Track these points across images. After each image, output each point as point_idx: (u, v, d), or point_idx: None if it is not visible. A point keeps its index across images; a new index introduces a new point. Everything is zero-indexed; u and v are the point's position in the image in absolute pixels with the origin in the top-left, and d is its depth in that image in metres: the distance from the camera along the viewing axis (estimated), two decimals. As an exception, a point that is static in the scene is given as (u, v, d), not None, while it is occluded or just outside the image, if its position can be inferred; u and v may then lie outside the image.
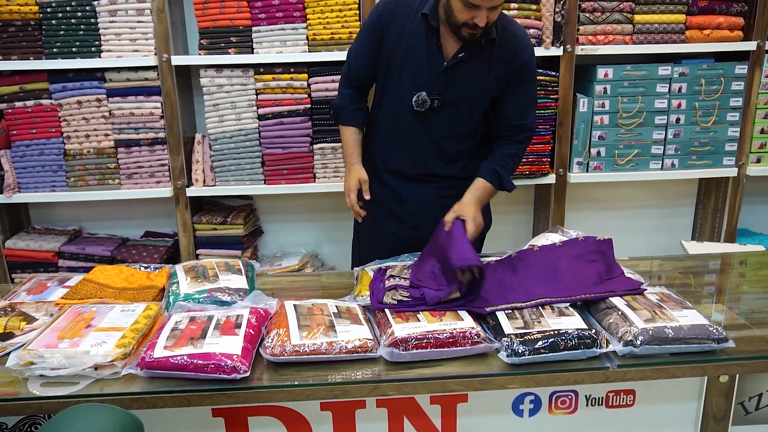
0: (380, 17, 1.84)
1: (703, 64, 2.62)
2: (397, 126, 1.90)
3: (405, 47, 1.81)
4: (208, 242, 2.69)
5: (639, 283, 1.63)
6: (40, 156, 2.57)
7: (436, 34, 1.79)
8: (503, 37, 1.80)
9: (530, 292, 1.57)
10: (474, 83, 1.83)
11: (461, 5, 1.65)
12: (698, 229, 3.05)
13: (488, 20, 1.67)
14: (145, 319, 1.53)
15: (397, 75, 1.85)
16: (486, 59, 1.80)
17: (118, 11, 2.44)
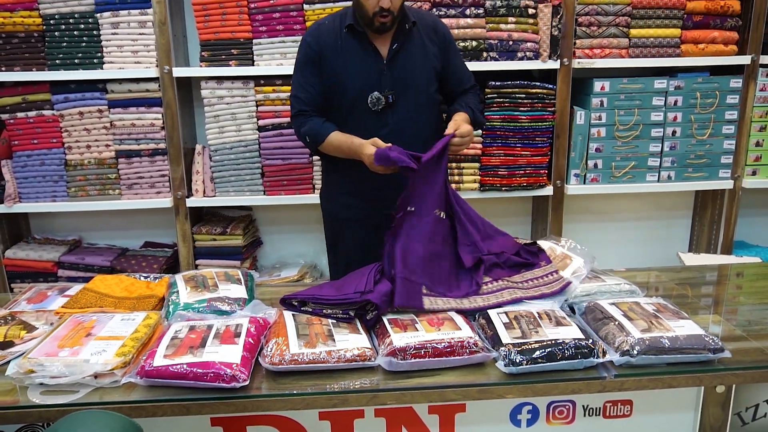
0: (311, 48, 1.96)
1: (698, 78, 2.66)
2: (358, 133, 1.91)
3: (344, 61, 1.95)
4: (207, 253, 2.70)
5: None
6: (42, 166, 2.58)
7: (367, 38, 1.94)
8: (420, 21, 1.98)
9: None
10: (416, 67, 1.97)
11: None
12: (695, 241, 3.07)
13: (392, 4, 1.83)
14: (145, 328, 1.53)
15: (345, 87, 1.95)
16: (417, 43, 1.97)
17: (120, 23, 2.47)
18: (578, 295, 1.67)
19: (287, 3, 2.47)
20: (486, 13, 2.52)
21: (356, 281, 1.61)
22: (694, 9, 2.58)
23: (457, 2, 2.50)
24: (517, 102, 2.57)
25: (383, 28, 1.89)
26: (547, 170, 2.71)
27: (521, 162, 2.65)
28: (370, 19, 1.87)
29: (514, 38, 2.53)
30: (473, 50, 2.53)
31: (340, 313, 1.56)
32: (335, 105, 2.00)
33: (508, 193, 2.68)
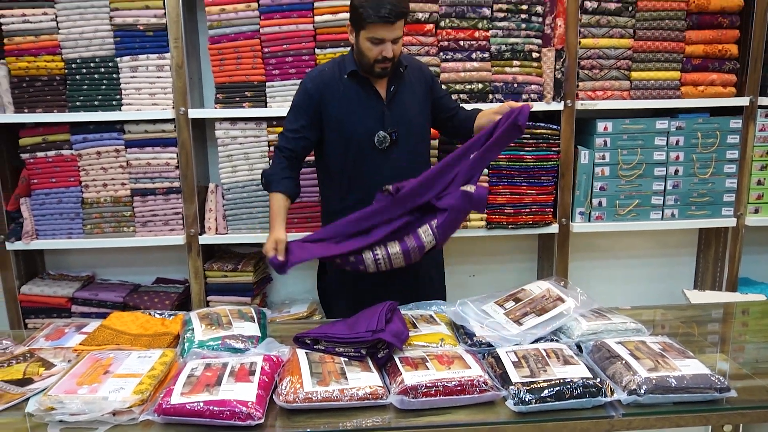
0: (311, 94, 2.10)
1: (698, 119, 2.72)
2: (364, 170, 2.11)
3: (348, 105, 2.09)
4: (218, 289, 2.75)
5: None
6: (59, 204, 2.65)
7: (368, 82, 2.10)
8: (409, 64, 2.17)
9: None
10: (412, 105, 2.15)
11: (369, 44, 1.97)
12: (700, 278, 3.10)
13: (394, 52, 1.98)
14: (161, 365, 1.57)
15: (352, 129, 2.09)
16: (408, 84, 2.15)
17: (139, 67, 2.56)
18: (585, 334, 1.70)
19: (300, 48, 2.56)
20: (491, 57, 2.61)
21: (367, 320, 1.64)
22: (692, 53, 2.67)
23: (464, 47, 2.59)
24: (522, 142, 2.64)
25: (383, 73, 2.05)
26: (553, 208, 2.76)
27: (527, 200, 2.70)
28: (371, 66, 2.02)
29: (518, 81, 2.62)
30: (479, 92, 2.61)
31: (352, 351, 1.60)
32: (341, 145, 2.12)
33: (515, 230, 2.73)
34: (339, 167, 2.15)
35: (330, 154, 2.16)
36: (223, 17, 2.53)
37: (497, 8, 2.56)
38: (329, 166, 2.19)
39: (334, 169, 2.18)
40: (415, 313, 1.89)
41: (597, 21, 2.60)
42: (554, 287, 1.87)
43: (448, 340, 1.70)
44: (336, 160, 2.15)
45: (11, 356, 1.69)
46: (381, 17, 1.91)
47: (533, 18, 2.58)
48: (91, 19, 2.52)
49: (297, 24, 2.54)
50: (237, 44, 2.55)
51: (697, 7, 2.61)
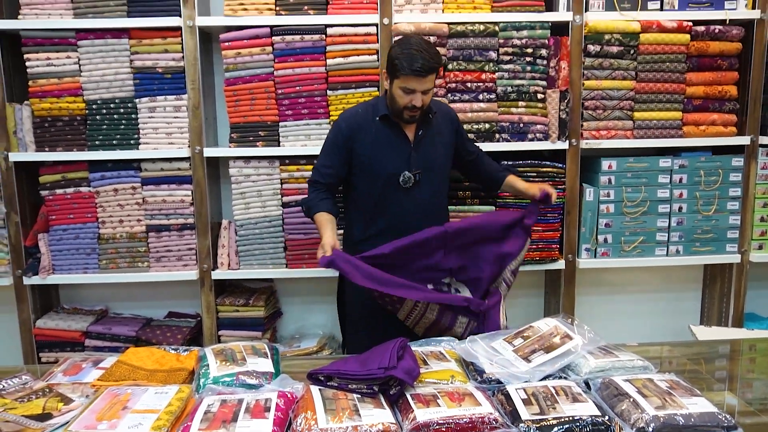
0: (343, 132, 2.26)
1: (701, 157, 2.79)
2: (389, 205, 2.27)
3: (378, 145, 2.24)
4: (230, 323, 2.78)
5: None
6: (76, 239, 2.72)
7: (397, 125, 2.25)
8: (438, 110, 2.33)
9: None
10: (436, 148, 2.30)
11: (401, 92, 2.13)
12: (706, 314, 3.12)
13: (423, 102, 2.14)
14: (178, 401, 1.60)
15: (380, 168, 2.24)
16: (436, 129, 2.31)
17: (157, 108, 2.66)
18: (593, 371, 1.72)
19: (312, 89, 2.66)
20: (498, 98, 2.69)
21: (380, 357, 1.68)
22: (693, 94, 2.75)
23: (471, 88, 2.68)
24: (528, 180, 2.69)
25: (412, 120, 2.21)
26: (559, 245, 2.81)
27: (534, 237, 2.74)
28: (401, 112, 2.18)
29: (524, 121, 2.69)
30: (486, 132, 2.69)
31: (365, 387, 1.62)
32: (368, 181, 2.26)
33: (522, 266, 2.76)
34: (364, 200, 2.30)
35: (357, 188, 2.30)
36: (238, 60, 2.63)
37: (503, 51, 2.66)
38: (356, 199, 2.33)
39: (360, 202, 2.33)
40: (425, 350, 1.92)
41: (600, 63, 2.69)
42: (562, 324, 1.90)
43: (459, 376, 1.72)
44: (362, 193, 2.30)
45: (30, 391, 1.72)
46: (414, 70, 2.06)
47: (538, 61, 2.67)
48: (112, 62, 2.63)
49: (310, 67, 2.64)
50: (251, 86, 2.65)
51: (697, 50, 2.70)
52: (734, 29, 2.70)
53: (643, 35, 2.67)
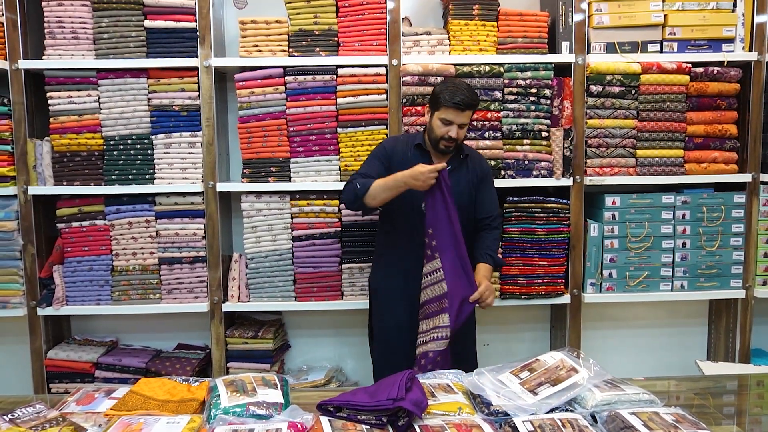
0: (386, 150, 2.46)
1: (703, 194, 2.84)
2: (405, 225, 2.42)
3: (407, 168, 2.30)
4: (239, 356, 2.81)
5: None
6: (90, 271, 2.77)
7: (428, 156, 2.40)
8: (471, 155, 2.47)
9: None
10: (461, 187, 2.41)
11: (440, 123, 2.30)
12: (713, 349, 3.12)
13: (458, 135, 2.30)
14: (190, 431, 1.63)
15: (407, 191, 2.31)
16: (464, 170, 2.43)
17: (172, 144, 2.74)
18: (599, 404, 1.74)
19: (323, 127, 2.74)
20: (503, 135, 2.77)
21: (388, 388, 1.70)
22: (694, 132, 2.81)
23: (477, 126, 2.75)
24: (533, 216, 2.75)
25: (446, 151, 2.36)
26: (564, 279, 2.84)
27: (539, 271, 2.79)
28: (437, 141, 2.34)
29: (529, 158, 2.76)
30: (492, 169, 2.75)
31: (374, 419, 1.65)
32: (395, 202, 2.35)
33: (528, 301, 2.80)
34: (390, 217, 2.47)
35: (387, 205, 2.38)
36: (252, 99, 2.72)
37: (508, 91, 2.74)
38: (384, 214, 2.51)
39: (386, 218, 2.50)
40: (432, 382, 1.94)
41: (602, 103, 2.77)
42: (568, 358, 1.92)
43: (466, 408, 1.75)
44: (389, 211, 2.45)
45: (44, 420, 1.75)
46: (455, 103, 2.26)
47: (542, 100, 2.75)
48: (131, 100, 2.72)
49: (321, 105, 2.73)
50: (264, 123, 2.74)
51: (696, 90, 2.78)
52: (732, 71, 2.78)
53: (643, 76, 2.75)
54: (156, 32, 2.70)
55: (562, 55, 2.75)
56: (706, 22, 2.78)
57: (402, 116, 2.73)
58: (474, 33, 2.74)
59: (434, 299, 2.32)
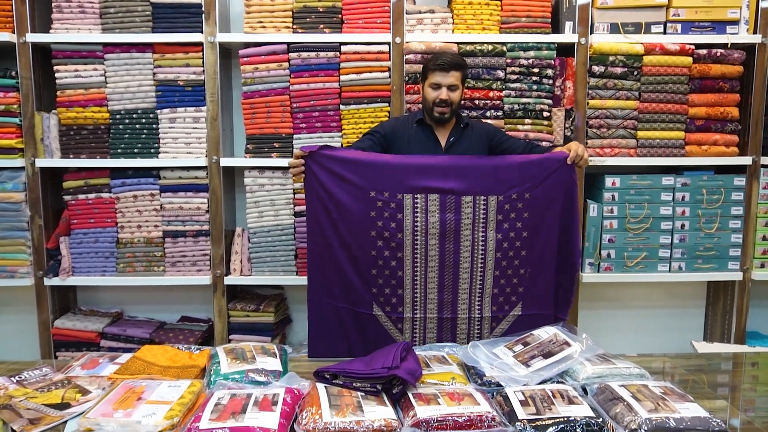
0: (384, 129, 2.46)
1: (703, 176, 2.85)
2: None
3: (410, 145, 2.41)
4: (240, 328, 2.86)
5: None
6: (95, 243, 2.82)
7: (431, 130, 2.42)
8: (474, 125, 2.49)
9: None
10: (470, 155, 2.39)
11: (430, 89, 2.35)
12: (709, 330, 3.14)
13: (449, 97, 2.32)
14: (190, 394, 1.67)
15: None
16: (468, 139, 2.44)
17: (177, 119, 2.77)
18: (590, 377, 1.77)
19: (326, 104, 2.76)
20: (504, 115, 2.78)
21: (384, 358, 1.75)
22: (695, 114, 2.81)
23: (479, 105, 2.77)
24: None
25: (442, 118, 2.36)
26: (563, 259, 2.86)
27: (538, 250, 2.81)
28: (431, 110, 2.35)
29: (530, 138, 2.78)
30: (493, 147, 2.77)
31: (369, 386, 1.69)
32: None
33: (526, 279, 2.83)
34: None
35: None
36: (256, 75, 2.74)
37: (510, 71, 2.75)
38: None
39: None
40: (428, 354, 1.98)
41: (604, 84, 2.77)
42: (561, 332, 1.96)
43: (459, 379, 1.79)
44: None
45: (50, 382, 1.81)
46: (437, 65, 2.32)
47: (544, 80, 2.76)
48: (137, 75, 2.75)
49: (324, 82, 2.75)
50: (268, 99, 2.76)
51: (699, 72, 2.77)
52: (735, 53, 2.77)
53: (646, 57, 2.75)
54: (162, 7, 2.71)
55: (566, 34, 2.75)
56: (710, 3, 2.77)
57: (404, 94, 2.75)
58: (477, 12, 2.74)
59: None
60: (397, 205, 2.24)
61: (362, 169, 2.23)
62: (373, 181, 2.23)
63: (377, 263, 2.28)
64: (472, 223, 2.25)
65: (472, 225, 2.25)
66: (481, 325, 2.32)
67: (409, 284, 2.29)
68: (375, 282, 2.29)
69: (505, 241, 2.27)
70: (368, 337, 2.34)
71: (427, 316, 2.32)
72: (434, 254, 2.26)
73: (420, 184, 2.24)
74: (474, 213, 2.24)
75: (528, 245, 2.28)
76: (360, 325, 2.34)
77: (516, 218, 2.27)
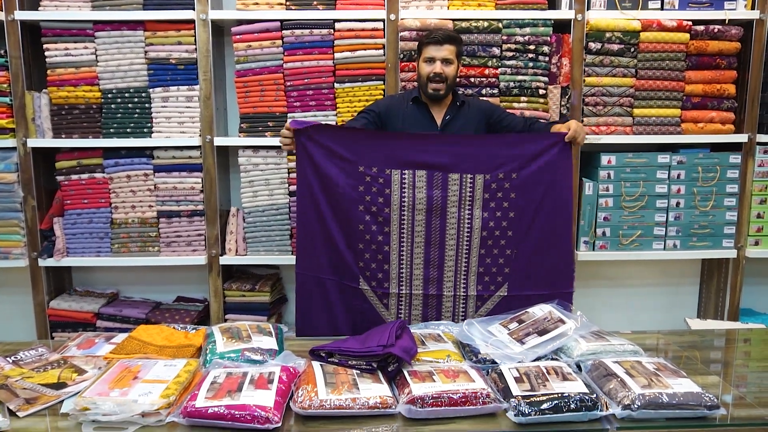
0: (378, 107, 2.45)
1: (699, 154, 2.84)
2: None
3: (404, 123, 2.40)
4: (236, 308, 2.87)
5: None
6: (89, 224, 2.81)
7: (426, 108, 2.41)
8: (471, 103, 2.47)
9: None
10: (467, 132, 2.41)
11: (424, 65, 2.34)
12: (703, 308, 3.17)
13: (443, 71, 2.31)
14: (186, 373, 1.68)
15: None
16: (464, 117, 2.43)
17: (169, 98, 2.74)
18: (584, 354, 1.79)
19: (320, 82, 2.73)
20: (500, 92, 2.76)
21: (379, 336, 1.75)
22: (692, 91, 2.80)
23: (474, 83, 2.75)
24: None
25: (436, 95, 2.35)
26: (558, 237, 2.86)
27: (533, 229, 2.81)
28: (426, 85, 2.34)
29: (525, 116, 2.76)
30: (488, 126, 2.75)
31: (364, 364, 1.70)
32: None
33: (521, 257, 2.83)
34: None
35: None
36: (249, 53, 2.71)
37: (506, 48, 2.72)
38: None
39: None
40: (423, 332, 1.99)
41: (600, 61, 2.75)
42: (556, 310, 1.97)
43: (454, 356, 1.80)
44: None
45: (46, 362, 1.81)
46: (430, 39, 2.33)
47: (540, 57, 2.74)
48: (128, 53, 2.71)
49: (318, 60, 2.72)
50: (261, 78, 2.73)
51: (696, 49, 2.75)
52: (733, 29, 2.75)
53: (643, 34, 2.73)
54: (152, -17, 2.67)
55: (562, 11, 2.73)
56: (709, -22, 2.74)
57: (399, 72, 2.72)
58: (473, -13, 2.71)
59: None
60: (385, 181, 2.23)
61: (351, 144, 2.22)
62: (361, 156, 2.22)
63: (364, 237, 2.28)
64: (458, 200, 2.24)
65: (459, 203, 2.24)
66: (466, 304, 2.32)
67: (395, 259, 2.29)
68: (362, 256, 2.29)
69: (491, 220, 2.26)
70: (354, 311, 2.34)
71: (412, 293, 2.32)
72: (420, 230, 2.26)
73: (408, 160, 2.23)
74: (460, 191, 2.23)
75: (515, 226, 2.27)
76: (346, 299, 2.34)
77: (503, 198, 2.26)
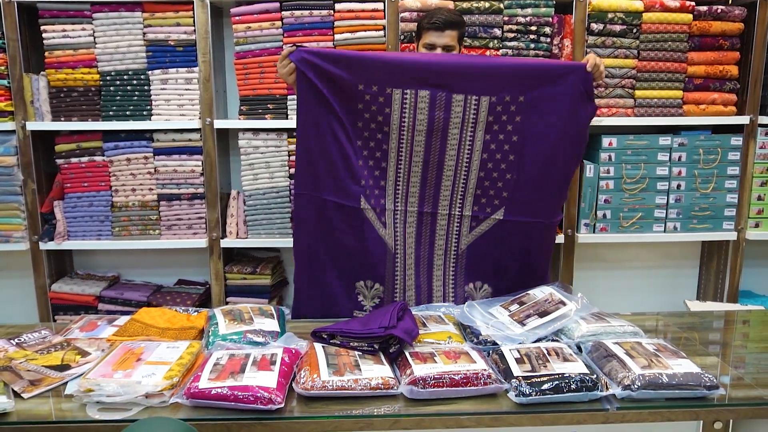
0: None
1: (700, 136, 2.83)
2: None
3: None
4: (237, 291, 2.88)
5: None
6: (90, 207, 2.81)
7: None
8: None
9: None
10: None
11: (424, 50, 2.26)
12: (702, 290, 3.18)
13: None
14: (189, 355, 1.69)
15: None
16: None
17: (169, 80, 2.72)
18: (585, 335, 1.80)
19: (320, 64, 2.71)
20: (501, 74, 2.74)
21: (380, 317, 1.76)
22: (694, 73, 2.78)
23: (475, 64, 2.72)
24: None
25: None
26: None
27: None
28: None
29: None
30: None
31: (366, 345, 1.71)
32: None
33: (522, 240, 2.84)
34: None
35: None
36: (248, 34, 2.69)
37: (507, 29, 2.70)
38: None
39: None
40: (425, 314, 2.01)
41: (602, 42, 2.73)
42: (557, 291, 1.98)
43: (456, 338, 1.81)
44: None
45: (50, 344, 1.82)
46: (431, 24, 2.22)
47: (542, 38, 2.71)
48: (126, 35, 2.69)
49: (318, 41, 2.69)
50: (261, 59, 2.71)
51: (699, 29, 2.73)
52: (736, 9, 2.72)
53: (645, 14, 2.70)
54: (149, -36, 2.64)
55: (564, -9, 2.70)
56: (713, -42, 2.71)
57: (400, 54, 2.70)
58: (475, -33, 2.67)
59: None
60: (386, 100, 2.12)
61: (351, 63, 2.10)
62: (361, 75, 2.10)
63: (362, 154, 2.19)
64: (461, 122, 2.14)
65: (461, 124, 2.15)
66: (460, 224, 2.25)
67: (392, 176, 2.21)
68: (361, 173, 2.21)
69: (493, 143, 2.16)
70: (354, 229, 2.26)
71: (407, 209, 2.24)
72: (419, 150, 2.17)
73: (410, 77, 2.10)
74: (464, 112, 2.13)
75: (517, 150, 2.17)
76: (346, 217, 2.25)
77: (507, 121, 2.15)
